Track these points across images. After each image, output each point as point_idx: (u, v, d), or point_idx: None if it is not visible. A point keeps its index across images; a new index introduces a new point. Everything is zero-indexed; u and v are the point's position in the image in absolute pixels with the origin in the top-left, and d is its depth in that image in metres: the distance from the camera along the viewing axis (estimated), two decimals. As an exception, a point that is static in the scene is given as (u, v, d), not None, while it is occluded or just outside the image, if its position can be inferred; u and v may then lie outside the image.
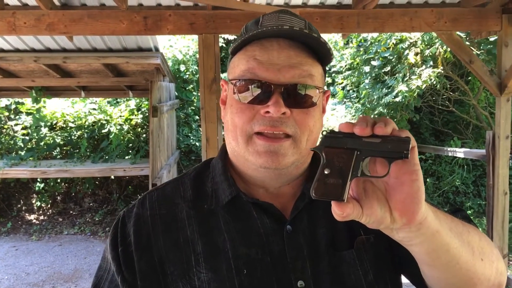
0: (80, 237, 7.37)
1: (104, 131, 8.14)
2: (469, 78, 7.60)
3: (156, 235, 0.87)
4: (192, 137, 8.66)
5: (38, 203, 8.16)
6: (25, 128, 8.26)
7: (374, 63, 8.04)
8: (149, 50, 5.50)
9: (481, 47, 6.65)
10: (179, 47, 9.01)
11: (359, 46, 8.66)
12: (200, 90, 3.68)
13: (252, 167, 0.87)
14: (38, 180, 8.02)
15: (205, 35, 3.61)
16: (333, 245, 0.86)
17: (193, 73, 8.87)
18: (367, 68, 8.28)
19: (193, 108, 8.93)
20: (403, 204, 0.66)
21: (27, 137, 8.11)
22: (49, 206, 8.26)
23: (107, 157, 7.59)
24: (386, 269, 0.88)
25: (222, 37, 9.71)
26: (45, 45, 5.16)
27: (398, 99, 7.10)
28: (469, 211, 7.54)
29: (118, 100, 8.80)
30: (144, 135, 8.22)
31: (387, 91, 7.62)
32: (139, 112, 8.47)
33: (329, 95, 0.95)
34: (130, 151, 7.99)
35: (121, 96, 7.98)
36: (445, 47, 6.44)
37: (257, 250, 0.83)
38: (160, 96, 6.12)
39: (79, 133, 8.39)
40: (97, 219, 7.92)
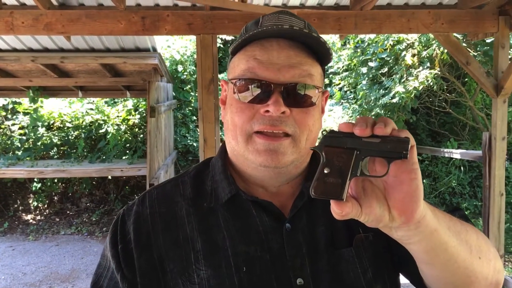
0: (77, 237, 7.35)
1: (102, 131, 8.12)
2: (466, 79, 7.63)
3: (156, 233, 0.87)
4: (189, 137, 8.65)
5: (35, 203, 8.13)
6: (22, 128, 8.22)
7: (371, 64, 8.06)
8: (147, 51, 5.49)
9: (478, 49, 6.66)
10: (177, 48, 9.00)
11: (356, 47, 8.67)
12: (198, 90, 3.68)
13: (251, 166, 0.87)
14: (35, 180, 8.00)
15: (203, 35, 3.61)
16: (332, 243, 0.86)
17: (191, 73, 8.86)
18: (364, 69, 8.30)
19: (191, 108, 8.92)
20: (402, 203, 0.66)
21: (24, 137, 8.08)
22: (46, 206, 8.23)
23: (104, 157, 7.57)
24: (384, 267, 0.88)
25: (220, 37, 9.72)
26: (42, 45, 5.14)
27: (395, 100, 7.12)
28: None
29: (116, 100, 8.77)
30: (142, 136, 8.20)
31: (384, 92, 7.63)
32: (137, 112, 8.46)
33: (328, 95, 0.96)
34: (128, 151, 7.97)
35: (119, 96, 7.95)
36: (442, 48, 6.47)
37: (256, 247, 0.84)
38: (157, 97, 6.11)
39: (76, 133, 8.37)
40: (94, 219, 7.90)
